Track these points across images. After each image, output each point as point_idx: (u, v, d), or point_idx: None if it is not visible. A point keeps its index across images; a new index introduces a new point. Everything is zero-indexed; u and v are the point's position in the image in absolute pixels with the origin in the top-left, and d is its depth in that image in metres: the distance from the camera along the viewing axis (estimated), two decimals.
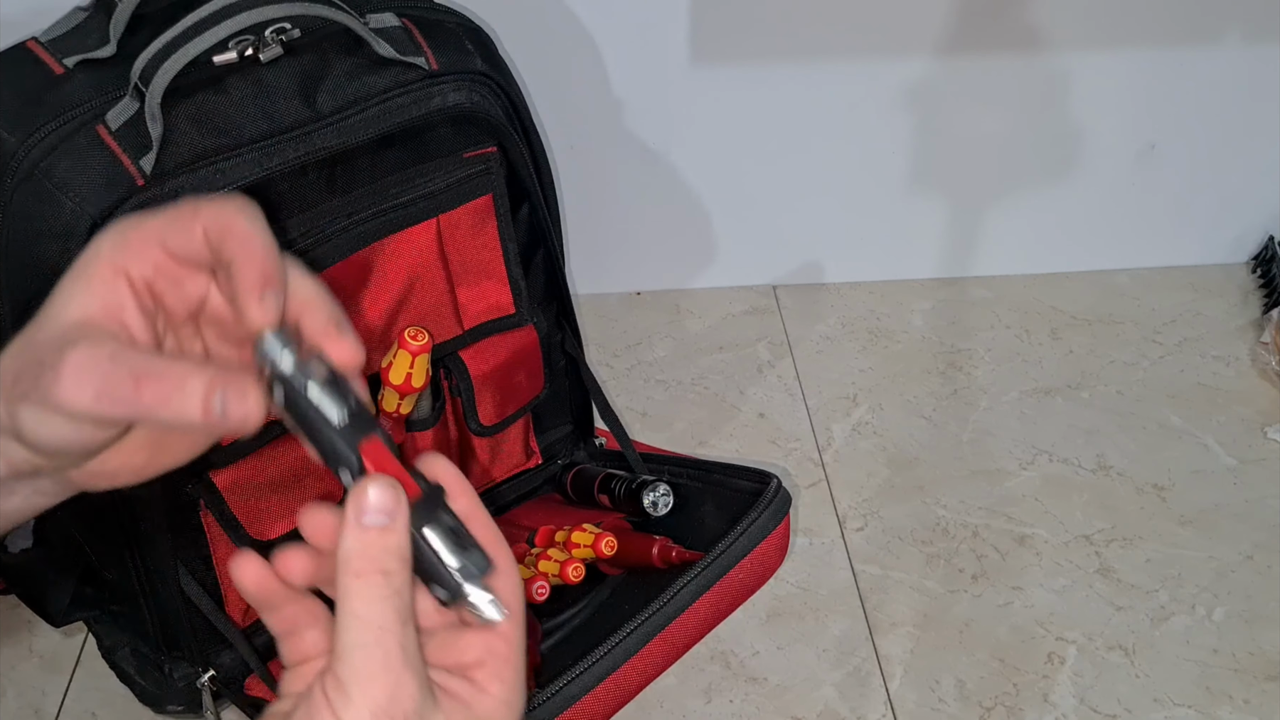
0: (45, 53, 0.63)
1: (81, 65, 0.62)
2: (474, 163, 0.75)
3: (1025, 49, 1.09)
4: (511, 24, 0.97)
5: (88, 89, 0.62)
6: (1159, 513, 1.00)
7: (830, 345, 1.18)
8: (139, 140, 0.60)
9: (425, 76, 0.69)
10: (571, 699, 0.63)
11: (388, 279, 0.74)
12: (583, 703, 0.63)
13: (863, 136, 1.15)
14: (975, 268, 1.26)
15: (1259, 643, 0.89)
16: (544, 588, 0.73)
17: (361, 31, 0.66)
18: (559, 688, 0.62)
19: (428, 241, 0.75)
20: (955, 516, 1.00)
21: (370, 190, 0.70)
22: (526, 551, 0.78)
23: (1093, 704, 0.85)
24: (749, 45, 1.07)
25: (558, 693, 0.62)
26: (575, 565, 0.74)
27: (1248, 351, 1.16)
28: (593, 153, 1.13)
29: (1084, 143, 1.17)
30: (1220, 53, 1.11)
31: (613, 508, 0.83)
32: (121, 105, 0.61)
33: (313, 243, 0.69)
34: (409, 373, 0.71)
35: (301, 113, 0.65)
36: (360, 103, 0.67)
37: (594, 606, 0.77)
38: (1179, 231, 1.26)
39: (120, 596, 0.73)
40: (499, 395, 0.81)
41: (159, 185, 0.60)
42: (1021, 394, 1.12)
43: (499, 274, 0.79)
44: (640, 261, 1.23)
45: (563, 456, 0.92)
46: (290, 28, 0.65)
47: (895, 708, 0.85)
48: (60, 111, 0.60)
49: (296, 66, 0.65)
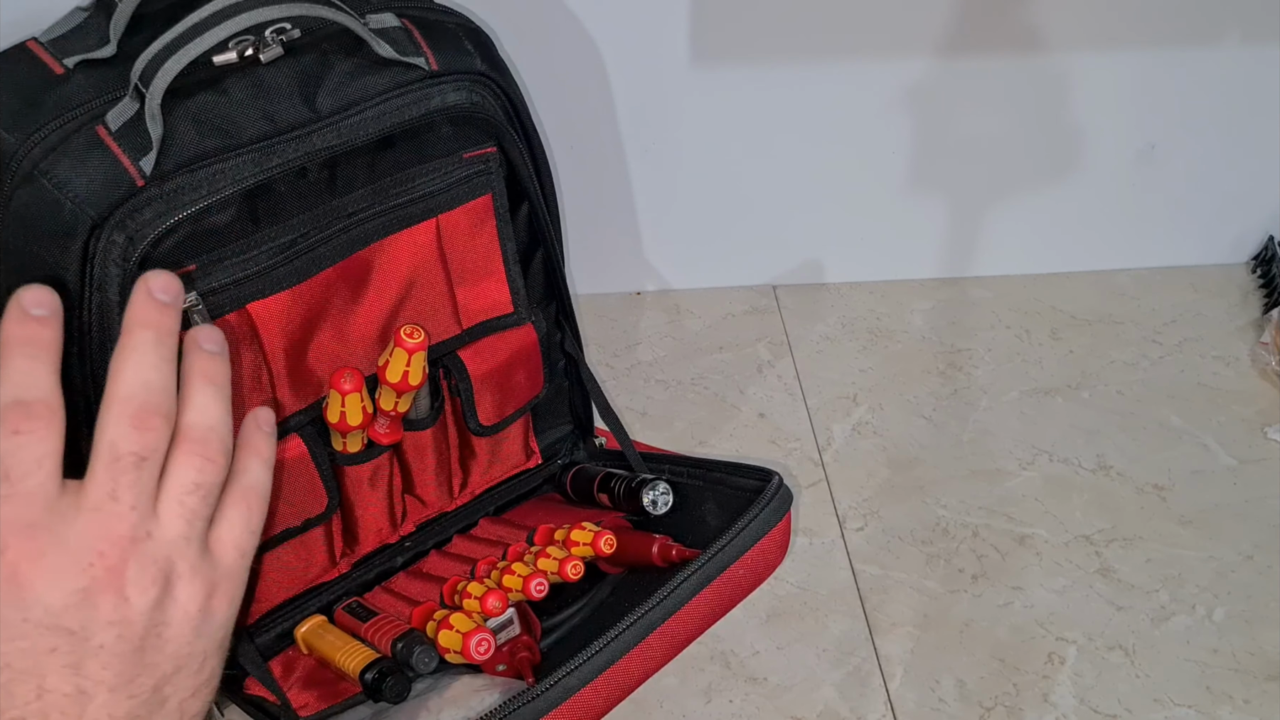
0: (45, 53, 0.63)
1: (81, 65, 0.63)
2: (473, 163, 0.75)
3: (1025, 49, 1.09)
4: (511, 24, 0.97)
5: (88, 89, 0.62)
6: (1159, 513, 1.00)
7: (830, 345, 1.18)
8: (139, 141, 0.60)
9: (425, 77, 0.69)
10: (570, 690, 0.63)
11: (387, 278, 0.74)
12: (581, 695, 0.63)
13: (863, 137, 1.15)
14: (975, 268, 1.26)
15: (1259, 643, 0.89)
16: (542, 584, 0.73)
17: (361, 32, 0.66)
18: (557, 679, 0.62)
19: (427, 241, 0.75)
20: (955, 516, 1.00)
21: (370, 190, 0.71)
22: (526, 550, 0.78)
23: (1093, 704, 0.85)
24: (749, 45, 1.07)
25: (556, 684, 0.62)
26: (574, 563, 0.74)
27: (1248, 351, 1.16)
28: (593, 153, 1.13)
29: (1084, 143, 1.17)
30: (1220, 53, 1.11)
31: (612, 507, 0.83)
32: (121, 106, 0.61)
33: (313, 243, 0.69)
34: (405, 370, 0.71)
35: (301, 113, 0.65)
36: (360, 103, 0.67)
37: (594, 605, 0.77)
38: (1179, 231, 1.26)
39: None
40: (498, 395, 0.81)
41: (159, 185, 0.60)
42: (1021, 394, 1.12)
43: (498, 273, 0.80)
44: (640, 261, 1.23)
45: (563, 456, 0.92)
46: (290, 28, 0.65)
47: (895, 708, 0.85)
48: (60, 112, 0.60)
49: (296, 67, 0.65)
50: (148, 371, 0.36)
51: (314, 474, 0.73)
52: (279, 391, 0.71)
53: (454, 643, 0.69)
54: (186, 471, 0.37)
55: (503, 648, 0.72)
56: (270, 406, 0.70)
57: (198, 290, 0.64)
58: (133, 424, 0.35)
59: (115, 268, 0.60)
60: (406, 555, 0.84)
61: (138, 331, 0.36)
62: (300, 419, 0.73)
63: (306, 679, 0.75)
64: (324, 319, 0.71)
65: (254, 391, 0.69)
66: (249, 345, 0.68)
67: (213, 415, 0.37)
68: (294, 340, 0.70)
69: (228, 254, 0.65)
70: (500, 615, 0.73)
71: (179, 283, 0.38)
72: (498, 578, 0.75)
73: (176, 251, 0.63)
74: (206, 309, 0.64)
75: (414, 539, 0.84)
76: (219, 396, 0.38)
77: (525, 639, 0.73)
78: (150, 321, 0.36)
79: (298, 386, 0.72)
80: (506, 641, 0.72)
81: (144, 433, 0.35)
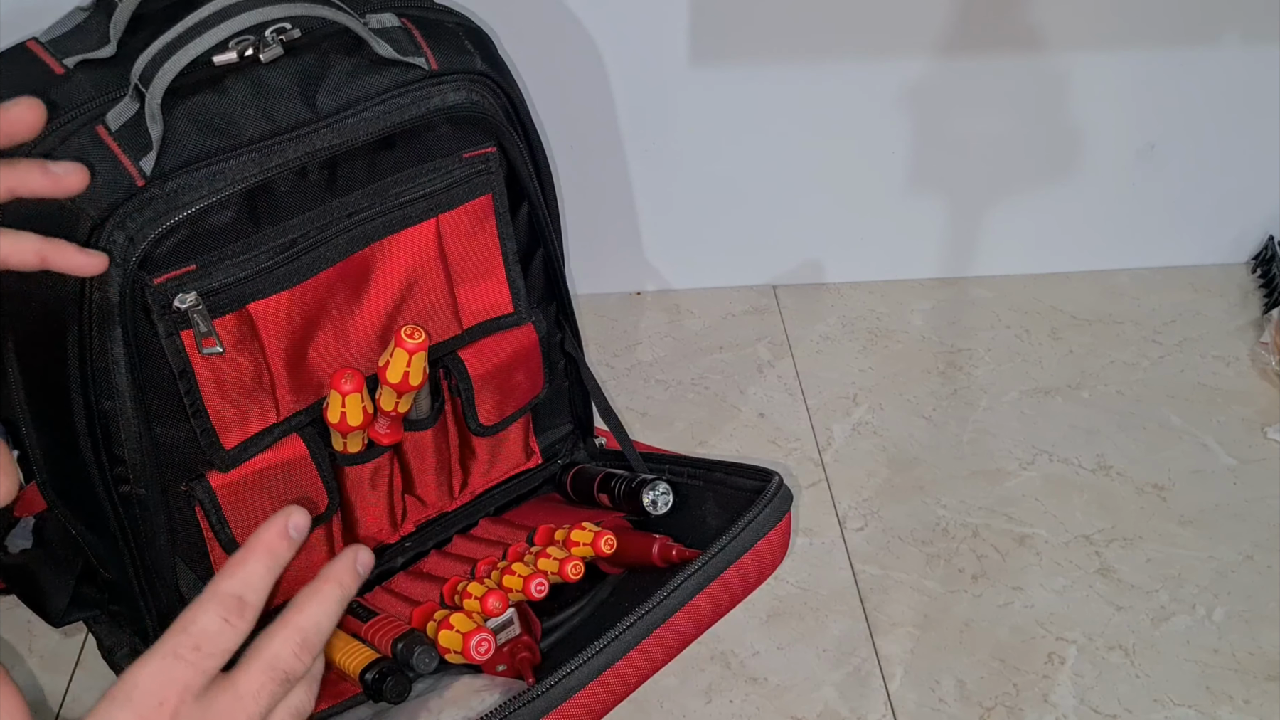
0: (45, 53, 0.63)
1: (81, 65, 0.62)
2: (473, 163, 0.75)
3: (1025, 49, 1.09)
4: (511, 24, 0.97)
5: (88, 89, 0.62)
6: (1159, 513, 1.00)
7: (830, 345, 1.18)
8: (139, 140, 0.60)
9: (425, 76, 0.69)
10: (571, 690, 0.63)
11: (387, 279, 0.74)
12: (581, 695, 0.63)
13: (863, 136, 1.15)
14: (975, 268, 1.26)
15: (1259, 643, 0.89)
16: (543, 585, 0.73)
17: (362, 32, 0.66)
18: (558, 679, 0.62)
19: (427, 241, 0.75)
20: (955, 516, 1.00)
21: (370, 190, 0.70)
22: (526, 550, 0.78)
23: (1093, 704, 0.85)
24: (749, 45, 1.07)
25: (556, 684, 0.62)
26: (574, 563, 0.74)
27: (1248, 351, 1.16)
28: (593, 153, 1.13)
29: (1084, 143, 1.17)
30: (1220, 53, 1.11)
31: (612, 507, 0.83)
32: (121, 105, 0.61)
33: (313, 243, 0.69)
34: (406, 370, 0.71)
35: (302, 113, 0.65)
36: (360, 103, 0.67)
37: (594, 605, 0.77)
38: (1179, 231, 1.26)
39: (120, 596, 0.73)
40: (498, 395, 0.81)
41: (159, 185, 0.60)
42: (1021, 394, 1.12)
43: (498, 273, 0.79)
44: (640, 261, 1.23)
45: (563, 456, 0.92)
46: (290, 28, 0.65)
47: (895, 708, 0.85)
48: (60, 112, 0.60)
49: (296, 67, 0.65)
50: (324, 618, 0.44)
51: (315, 474, 0.73)
52: (279, 391, 0.71)
53: (454, 643, 0.69)
54: (303, 699, 0.45)
55: (503, 648, 0.72)
56: (271, 406, 0.70)
57: (198, 290, 0.64)
58: (296, 652, 0.43)
59: (115, 267, 0.60)
60: (406, 555, 0.83)
61: (332, 586, 0.45)
62: (301, 419, 0.73)
63: None
64: (324, 319, 0.71)
65: (254, 393, 0.69)
66: (249, 346, 0.68)
67: (322, 662, 0.47)
68: (294, 340, 0.70)
69: (228, 254, 0.65)
70: (500, 615, 0.73)
71: (373, 560, 0.47)
72: (498, 578, 0.75)
73: (177, 251, 0.63)
74: (206, 309, 0.64)
75: (414, 539, 0.84)
76: None
77: (525, 639, 0.73)
78: (344, 583, 0.45)
79: (298, 387, 0.72)
80: (507, 642, 0.72)
81: (300, 661, 0.43)
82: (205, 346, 0.65)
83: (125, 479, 0.65)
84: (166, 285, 0.63)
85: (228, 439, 0.69)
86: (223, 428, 0.68)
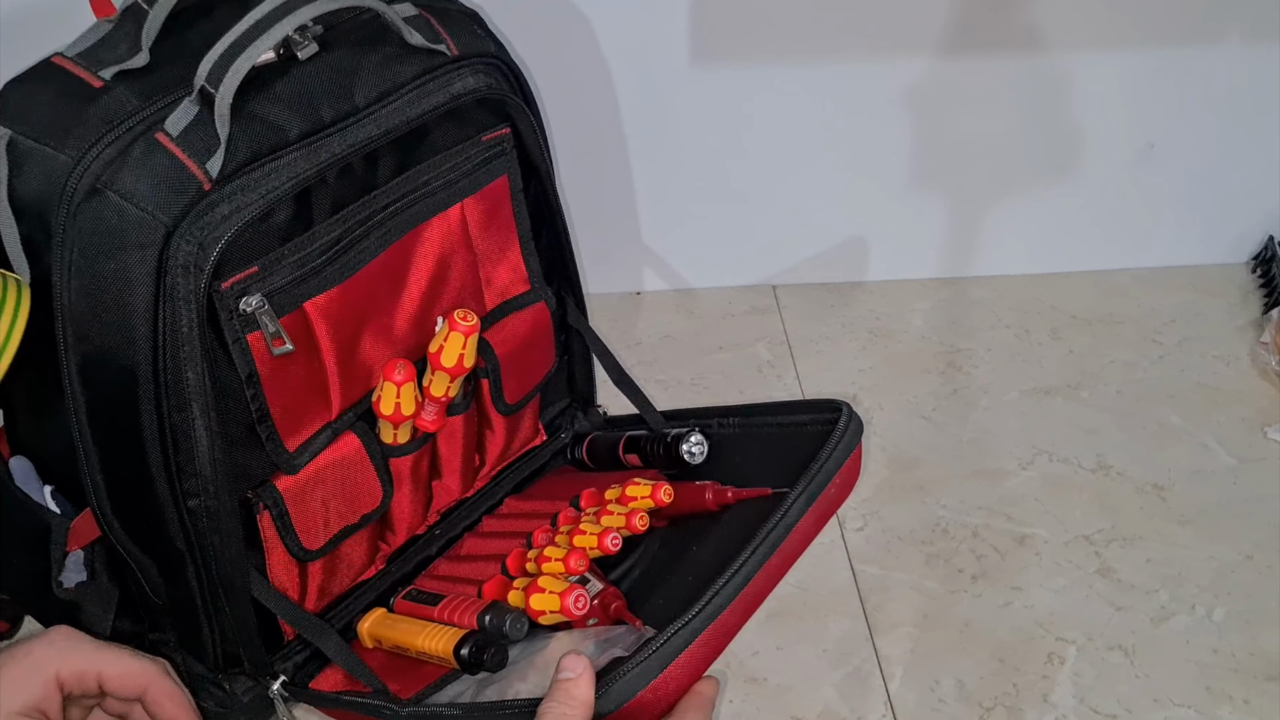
0: (77, 67, 0.62)
1: (119, 77, 0.62)
2: (491, 145, 0.76)
3: (1025, 49, 1.09)
4: (511, 24, 0.97)
5: (133, 99, 0.61)
6: (1159, 513, 1.00)
7: (830, 345, 1.18)
8: (202, 144, 0.60)
9: (448, 62, 0.70)
10: (719, 609, 0.59)
11: (422, 267, 0.75)
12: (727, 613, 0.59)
13: (863, 137, 1.15)
14: (975, 268, 1.26)
15: (1259, 643, 0.89)
16: (617, 538, 0.75)
17: (396, 22, 0.67)
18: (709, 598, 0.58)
19: (454, 226, 0.76)
20: (955, 516, 1.00)
21: (403, 180, 0.71)
22: (578, 516, 0.79)
23: (1093, 704, 0.85)
24: (749, 46, 1.07)
25: (709, 602, 0.58)
26: (640, 514, 0.76)
27: (1248, 351, 1.16)
28: (593, 153, 1.13)
29: (1084, 143, 1.17)
30: (1220, 53, 1.11)
31: (644, 465, 0.84)
32: (180, 110, 0.60)
33: (356, 236, 0.69)
34: (461, 354, 0.72)
35: (342, 107, 0.65)
36: (394, 93, 0.67)
37: (648, 559, 0.77)
38: (1179, 231, 1.26)
39: (164, 622, 0.72)
40: (520, 373, 0.83)
41: (221, 187, 0.60)
42: (1021, 394, 1.12)
43: (514, 253, 0.81)
44: (640, 261, 1.23)
45: (565, 430, 0.93)
46: (313, 24, 0.65)
47: (895, 708, 0.85)
48: (111, 124, 0.59)
49: (331, 61, 0.66)
50: None
51: (370, 469, 0.73)
52: (331, 389, 0.71)
53: (549, 604, 0.70)
54: None
55: (593, 601, 0.73)
56: (325, 404, 0.70)
57: (262, 292, 0.63)
58: None
59: (188, 276, 0.59)
60: (439, 543, 0.83)
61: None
62: (349, 416, 0.73)
63: (378, 670, 0.75)
64: (370, 312, 0.72)
65: (311, 392, 0.69)
66: (306, 346, 0.68)
67: None
68: (345, 336, 0.70)
69: (285, 253, 0.65)
70: (582, 573, 0.74)
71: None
72: (568, 539, 0.76)
73: (241, 253, 0.62)
74: (272, 310, 0.64)
75: (442, 526, 0.83)
76: None
77: (612, 589, 0.74)
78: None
79: (348, 382, 0.71)
80: (595, 595, 0.74)
81: None
82: (276, 347, 0.65)
83: (195, 492, 0.64)
84: (233, 288, 0.62)
85: (290, 441, 0.69)
86: (285, 430, 0.68)
